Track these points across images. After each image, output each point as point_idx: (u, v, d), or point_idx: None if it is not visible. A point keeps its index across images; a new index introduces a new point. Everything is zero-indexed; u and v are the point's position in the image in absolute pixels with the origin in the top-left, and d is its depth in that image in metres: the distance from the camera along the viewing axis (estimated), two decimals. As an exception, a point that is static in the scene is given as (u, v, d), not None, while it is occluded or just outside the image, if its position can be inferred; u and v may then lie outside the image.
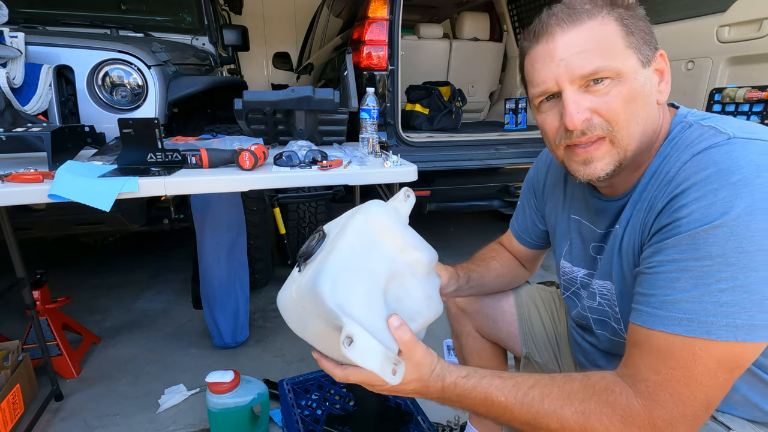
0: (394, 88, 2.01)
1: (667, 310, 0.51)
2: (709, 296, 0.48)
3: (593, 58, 0.57)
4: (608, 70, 0.57)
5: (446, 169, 2.15)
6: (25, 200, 0.90)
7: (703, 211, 0.49)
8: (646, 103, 0.59)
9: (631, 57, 0.58)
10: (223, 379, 1.20)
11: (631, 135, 0.59)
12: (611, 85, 0.58)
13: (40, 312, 1.58)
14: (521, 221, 0.97)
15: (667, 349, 0.50)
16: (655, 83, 0.61)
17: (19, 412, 1.39)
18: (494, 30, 3.49)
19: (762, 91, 1.76)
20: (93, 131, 1.24)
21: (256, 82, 6.10)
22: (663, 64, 0.61)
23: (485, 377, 0.59)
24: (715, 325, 0.48)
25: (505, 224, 1.06)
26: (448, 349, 1.78)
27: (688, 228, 0.50)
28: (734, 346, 0.47)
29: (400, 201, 0.73)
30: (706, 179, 0.50)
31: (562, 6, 0.61)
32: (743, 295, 0.47)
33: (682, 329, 0.49)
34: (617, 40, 0.58)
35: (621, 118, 0.58)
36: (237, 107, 1.35)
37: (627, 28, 0.58)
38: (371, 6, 1.95)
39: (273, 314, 2.15)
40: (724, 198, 0.48)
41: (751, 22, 1.81)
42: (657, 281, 0.52)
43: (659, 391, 0.51)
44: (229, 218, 1.71)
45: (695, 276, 0.49)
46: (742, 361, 0.49)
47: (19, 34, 1.36)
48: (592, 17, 0.59)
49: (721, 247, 0.47)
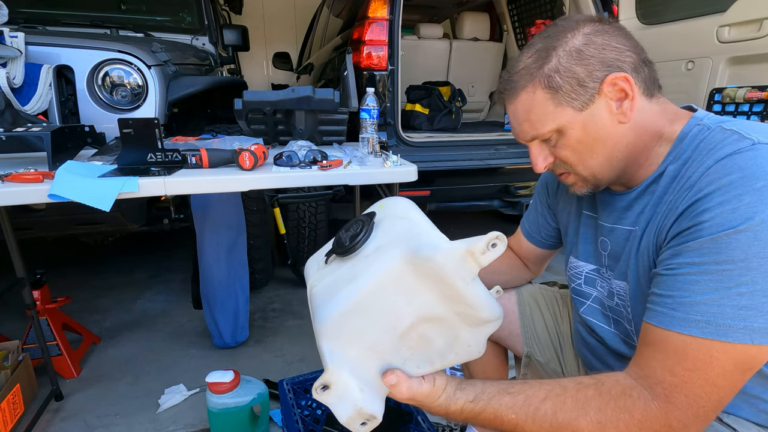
0: (394, 88, 2.01)
1: (684, 312, 0.51)
2: (728, 300, 0.48)
3: (528, 129, 0.68)
4: (542, 136, 0.67)
5: (446, 169, 2.15)
6: (25, 200, 0.90)
7: (727, 216, 0.49)
8: (596, 139, 0.64)
9: (564, 111, 0.64)
10: (223, 379, 1.20)
11: (590, 168, 0.67)
12: (556, 138, 0.66)
13: (40, 312, 1.58)
14: (532, 219, 0.99)
15: (684, 350, 0.51)
16: (607, 112, 0.63)
17: (19, 412, 1.39)
18: (494, 30, 3.49)
19: (762, 91, 1.76)
20: (93, 131, 1.24)
21: (256, 82, 6.09)
22: (620, 85, 0.61)
23: (494, 397, 0.58)
24: (733, 328, 0.48)
25: (505, 224, 1.07)
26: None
27: (711, 232, 0.50)
28: (750, 348, 0.48)
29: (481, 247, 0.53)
30: (731, 184, 0.51)
31: (506, 71, 0.70)
32: (762, 299, 0.47)
33: (700, 331, 0.50)
34: (545, 105, 0.64)
35: (573, 160, 0.67)
36: (237, 107, 1.35)
37: (552, 88, 0.63)
38: (371, 6, 1.95)
39: (273, 314, 2.15)
40: (748, 203, 0.48)
41: (751, 22, 1.81)
42: (675, 283, 0.53)
43: (675, 392, 0.51)
44: (229, 218, 1.71)
45: (716, 279, 0.49)
46: (756, 363, 0.50)
47: (19, 34, 1.36)
48: (522, 88, 0.66)
49: (744, 251, 0.48)
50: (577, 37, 0.63)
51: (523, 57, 0.68)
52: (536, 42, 0.67)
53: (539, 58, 0.65)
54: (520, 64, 0.67)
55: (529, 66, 0.65)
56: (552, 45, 0.64)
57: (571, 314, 0.98)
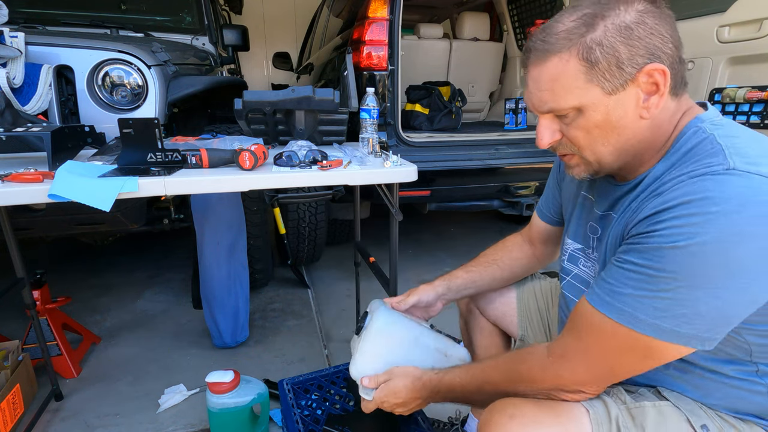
0: (394, 88, 2.01)
1: (612, 298, 0.59)
2: (649, 300, 0.55)
3: (548, 99, 0.63)
4: (561, 110, 0.63)
5: (446, 169, 2.15)
6: (25, 200, 0.90)
7: (675, 230, 0.53)
8: (614, 128, 0.62)
9: (593, 90, 0.60)
10: (223, 379, 1.20)
11: (597, 154, 0.65)
12: (573, 116, 0.63)
13: (40, 312, 1.58)
14: (545, 195, 1.00)
15: (598, 325, 0.60)
16: (633, 103, 0.61)
17: (19, 412, 1.39)
18: (494, 30, 3.49)
19: (762, 91, 1.76)
20: (93, 131, 1.24)
21: (256, 82, 6.10)
22: (656, 78, 0.59)
23: (448, 372, 0.80)
24: (643, 322, 0.56)
25: (506, 224, 1.08)
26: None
27: (657, 242, 0.55)
28: (652, 341, 0.56)
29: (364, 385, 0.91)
30: (690, 203, 0.53)
31: (541, 30, 0.64)
32: (677, 307, 0.54)
33: (617, 316, 0.58)
34: (576, 78, 0.60)
35: (583, 143, 0.65)
36: (237, 107, 1.35)
37: (589, 61, 0.59)
38: (371, 6, 1.95)
39: (273, 314, 2.15)
40: (695, 224, 0.52)
41: (751, 22, 1.81)
42: (616, 273, 0.60)
43: (574, 352, 0.64)
44: (229, 218, 1.71)
45: (645, 281, 0.56)
46: (657, 355, 0.58)
47: (19, 34, 1.36)
48: (556, 52, 0.61)
49: (677, 265, 0.53)
50: (629, 12, 0.58)
51: (564, 18, 0.62)
52: (583, 5, 0.61)
53: (584, 24, 0.59)
54: (560, 26, 0.61)
55: (570, 30, 0.60)
56: (601, 13, 0.59)
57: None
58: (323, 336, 1.95)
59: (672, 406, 0.66)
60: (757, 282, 0.52)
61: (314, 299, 2.31)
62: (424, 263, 2.76)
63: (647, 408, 0.66)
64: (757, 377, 0.63)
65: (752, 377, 0.63)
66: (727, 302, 0.52)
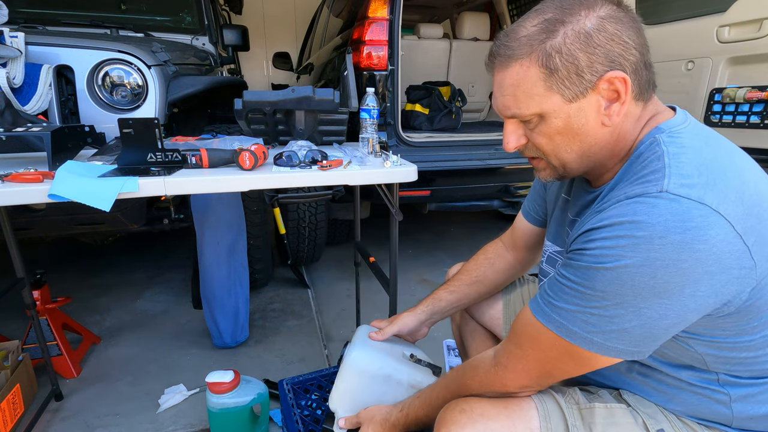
0: (394, 88, 2.01)
1: (551, 310, 0.61)
2: (581, 315, 0.58)
3: (510, 105, 0.64)
4: (523, 116, 0.64)
5: (446, 169, 2.15)
6: (25, 200, 0.90)
7: (603, 251, 0.55)
8: (576, 135, 0.62)
9: (553, 97, 0.60)
10: (223, 379, 1.20)
11: (561, 159, 0.66)
12: (536, 122, 0.64)
13: (40, 312, 1.58)
14: (530, 196, 1.00)
15: (537, 335, 0.63)
16: (594, 111, 0.60)
17: (19, 412, 1.39)
18: (494, 30, 3.48)
19: (762, 91, 1.76)
20: (93, 131, 1.24)
21: (256, 82, 6.10)
22: (617, 86, 0.58)
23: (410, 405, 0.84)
24: (577, 335, 0.59)
25: (506, 224, 1.08)
26: (448, 349, 1.78)
27: (587, 261, 0.57)
28: (584, 352, 0.59)
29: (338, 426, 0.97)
30: (620, 225, 0.54)
31: (504, 34, 0.64)
32: (605, 323, 0.56)
33: (554, 327, 0.61)
34: (536, 85, 0.60)
35: (547, 149, 0.66)
36: (237, 107, 1.35)
37: (549, 68, 0.59)
38: (371, 6, 1.95)
39: (273, 314, 2.15)
40: (623, 246, 0.53)
41: (751, 22, 1.81)
42: (554, 286, 0.62)
43: (515, 360, 0.67)
44: (229, 218, 1.71)
45: (578, 297, 0.58)
46: (590, 363, 0.61)
47: (19, 34, 1.36)
48: (517, 58, 0.61)
49: (605, 285, 0.55)
50: (590, 18, 0.58)
51: (527, 23, 0.62)
52: (547, 8, 0.61)
53: (545, 30, 0.59)
54: (523, 31, 0.61)
55: (531, 36, 0.60)
56: (562, 19, 0.59)
57: None
58: (323, 336, 1.95)
59: (626, 408, 0.68)
60: (680, 303, 0.53)
61: (314, 299, 2.31)
62: (424, 263, 2.76)
63: (597, 409, 0.68)
64: (718, 386, 0.63)
65: (713, 385, 0.64)
66: (652, 320, 0.54)
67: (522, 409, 0.68)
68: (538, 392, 0.70)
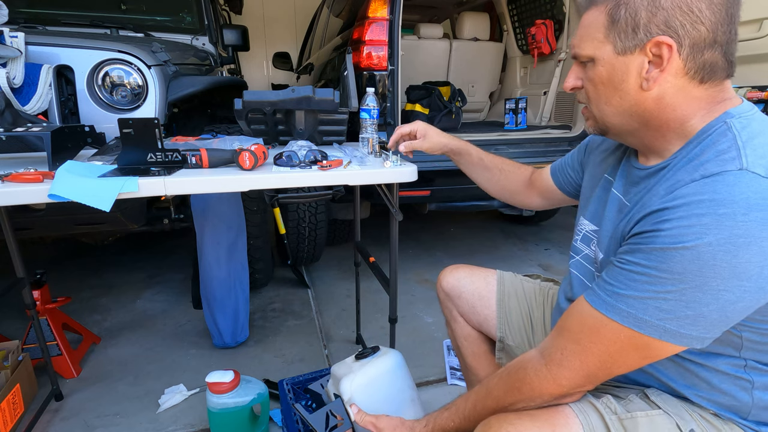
0: (394, 88, 2.01)
1: (615, 300, 0.59)
2: (653, 301, 0.55)
3: (576, 43, 0.68)
4: (582, 56, 0.67)
5: (446, 169, 2.14)
6: (25, 200, 0.90)
7: (682, 231, 0.53)
8: (616, 89, 0.64)
9: (607, 46, 0.64)
10: (223, 379, 1.20)
11: (601, 112, 0.68)
12: (590, 66, 0.67)
13: (40, 312, 1.58)
14: (563, 162, 1.03)
15: (597, 328, 0.61)
16: (636, 70, 0.62)
17: (19, 412, 1.39)
18: (494, 30, 3.49)
19: (762, 91, 1.76)
20: (93, 131, 1.24)
21: (256, 82, 6.10)
22: (661, 51, 0.59)
23: (439, 417, 0.79)
24: (647, 323, 0.56)
25: (506, 224, 1.08)
26: (448, 349, 1.78)
27: (663, 242, 0.54)
28: (654, 342, 0.57)
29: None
30: (699, 203, 0.53)
31: None
32: (681, 309, 0.54)
33: (620, 318, 0.58)
34: (599, 30, 0.64)
35: (591, 96, 0.69)
36: (237, 107, 1.35)
37: (613, 19, 0.62)
38: (371, 6, 1.95)
39: (273, 314, 2.15)
40: (704, 225, 0.52)
41: (751, 22, 1.81)
42: (619, 275, 0.60)
43: (572, 358, 0.63)
44: (229, 218, 1.71)
45: (651, 282, 0.56)
46: (655, 353, 0.59)
47: (19, 34, 1.36)
48: (597, 5, 0.65)
49: (683, 266, 0.53)
50: None
51: None
52: None
53: None
54: None
55: None
56: None
57: (546, 303, 1.05)
58: (323, 336, 1.95)
59: (663, 413, 0.67)
60: (758, 285, 0.52)
61: (314, 299, 2.31)
62: (424, 263, 2.76)
63: (639, 419, 0.66)
64: (743, 372, 0.63)
65: (739, 372, 0.64)
66: (729, 303, 0.53)
67: (567, 425, 0.65)
68: (578, 403, 0.68)
